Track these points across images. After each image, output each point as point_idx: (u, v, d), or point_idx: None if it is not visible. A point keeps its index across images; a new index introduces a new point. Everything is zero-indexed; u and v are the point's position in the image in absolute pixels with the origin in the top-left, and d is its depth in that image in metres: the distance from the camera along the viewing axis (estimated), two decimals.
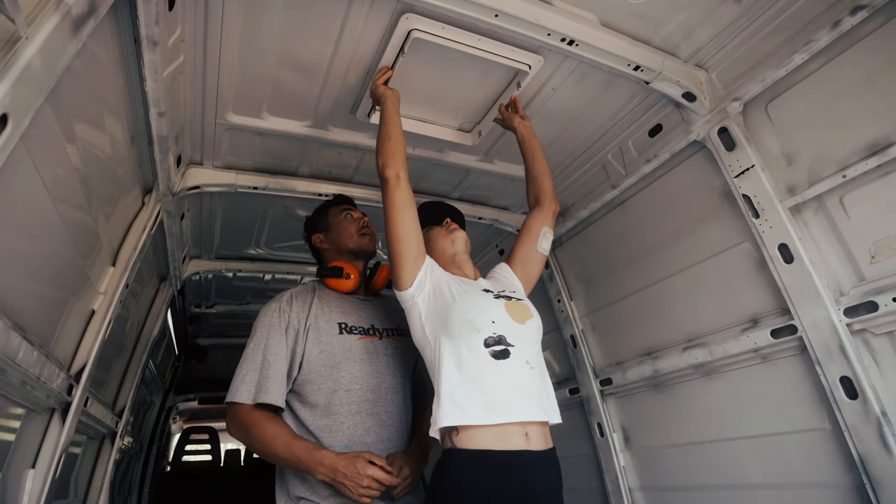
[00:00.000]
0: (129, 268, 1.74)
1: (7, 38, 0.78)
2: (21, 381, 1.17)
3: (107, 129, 1.35)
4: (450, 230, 1.62)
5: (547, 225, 1.67)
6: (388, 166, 1.41)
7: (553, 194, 1.71)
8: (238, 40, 1.48)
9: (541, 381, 1.34)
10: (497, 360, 1.28)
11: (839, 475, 1.48)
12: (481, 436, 1.22)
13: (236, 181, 2.10)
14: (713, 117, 1.76)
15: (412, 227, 1.39)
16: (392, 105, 1.54)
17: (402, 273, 1.39)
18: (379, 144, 1.47)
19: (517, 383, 1.29)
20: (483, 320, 1.33)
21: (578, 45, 1.54)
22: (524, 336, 1.36)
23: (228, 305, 3.59)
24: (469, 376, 1.27)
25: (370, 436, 1.45)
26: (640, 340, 2.16)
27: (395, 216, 1.38)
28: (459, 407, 1.24)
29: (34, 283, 1.22)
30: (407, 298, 1.40)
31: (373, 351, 1.56)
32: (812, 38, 1.47)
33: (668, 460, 2.03)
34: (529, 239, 1.65)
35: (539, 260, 1.65)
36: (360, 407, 1.46)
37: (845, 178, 1.45)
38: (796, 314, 1.55)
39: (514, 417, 1.24)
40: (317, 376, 1.47)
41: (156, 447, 4.14)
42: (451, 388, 1.26)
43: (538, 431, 1.28)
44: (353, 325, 1.58)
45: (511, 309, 1.40)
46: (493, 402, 1.24)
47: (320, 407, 1.45)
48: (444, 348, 1.31)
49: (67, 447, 1.54)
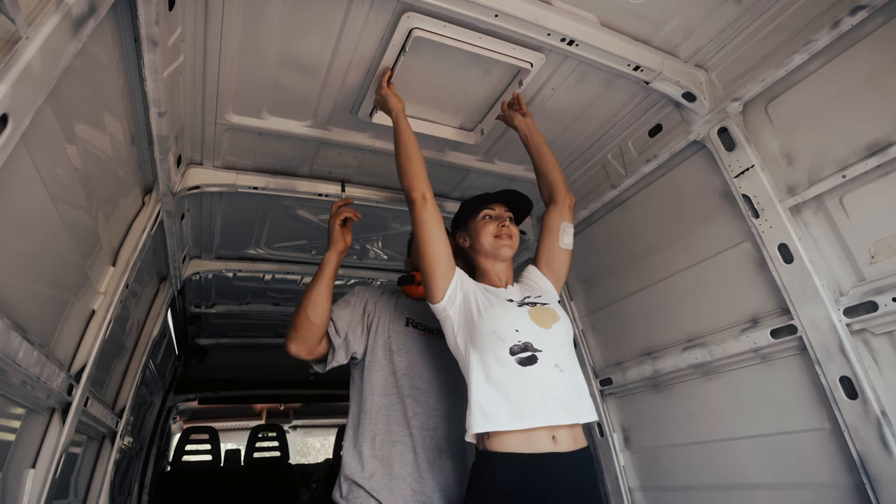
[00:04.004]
0: (130, 268, 1.74)
1: (7, 38, 0.78)
2: (21, 381, 1.17)
3: (107, 129, 1.35)
4: (501, 237, 1.60)
5: (565, 220, 1.68)
6: (413, 189, 1.48)
7: (565, 187, 1.71)
8: (238, 40, 1.48)
9: (571, 383, 1.39)
10: (524, 367, 1.35)
11: (839, 475, 1.48)
12: (509, 440, 1.30)
13: (236, 181, 2.10)
14: (713, 117, 1.76)
15: (441, 244, 1.47)
16: (406, 119, 1.58)
17: (434, 287, 1.47)
18: (400, 165, 1.53)
19: (545, 388, 1.34)
20: (507, 331, 1.39)
21: (578, 45, 1.54)
22: (551, 340, 1.41)
23: (228, 305, 3.59)
24: (496, 384, 1.34)
25: (416, 419, 1.60)
26: (639, 340, 2.16)
27: (424, 236, 1.46)
28: (487, 414, 1.32)
29: (34, 283, 1.22)
30: (440, 311, 1.48)
31: (431, 347, 1.71)
32: (812, 38, 1.47)
33: (667, 460, 2.03)
34: (550, 237, 1.67)
35: (564, 256, 1.67)
36: (413, 392, 1.62)
37: (845, 178, 1.45)
38: (796, 314, 1.55)
39: (540, 423, 1.30)
40: (381, 357, 1.65)
41: (156, 447, 4.14)
42: (480, 396, 1.34)
43: (566, 434, 1.34)
44: (419, 322, 1.75)
45: (536, 315, 1.45)
46: (519, 409, 1.30)
47: (379, 386, 1.62)
48: (472, 358, 1.40)
49: (67, 447, 1.54)
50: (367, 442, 1.57)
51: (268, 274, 3.07)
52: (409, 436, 1.58)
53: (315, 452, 12.45)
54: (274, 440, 5.11)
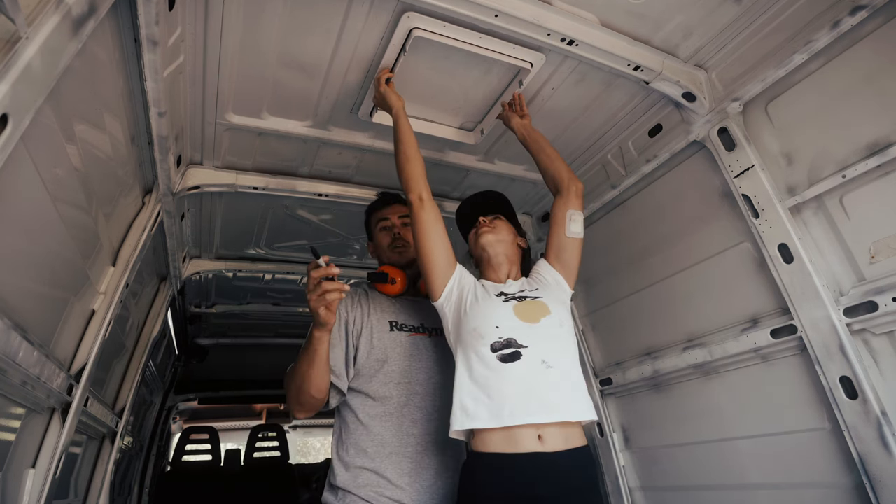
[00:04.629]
0: (130, 268, 1.74)
1: (7, 38, 0.78)
2: (21, 381, 1.17)
3: (107, 129, 1.35)
4: (479, 233, 1.64)
5: (572, 207, 1.60)
6: (410, 189, 1.49)
7: (569, 175, 1.65)
8: (238, 40, 1.48)
9: (561, 379, 1.32)
10: (505, 364, 1.31)
11: (839, 475, 1.48)
12: (491, 440, 1.27)
13: (236, 181, 2.10)
14: (713, 117, 1.76)
15: (439, 243, 1.47)
16: (406, 118, 1.58)
17: (432, 286, 1.48)
18: (399, 165, 1.54)
19: (528, 385, 1.28)
20: (486, 327, 1.37)
21: (578, 45, 1.54)
22: (539, 335, 1.36)
23: (228, 305, 3.59)
24: (478, 381, 1.32)
25: (417, 427, 1.53)
26: (639, 340, 2.16)
27: (421, 235, 1.47)
28: (467, 411, 1.30)
29: (34, 283, 1.22)
30: (438, 309, 1.49)
31: (421, 347, 1.64)
32: (812, 38, 1.47)
33: (667, 460, 2.03)
34: (557, 227, 1.61)
35: (573, 246, 1.59)
36: (409, 400, 1.55)
37: (845, 178, 1.45)
38: (796, 314, 1.55)
39: (520, 420, 1.25)
40: (369, 370, 1.56)
41: (156, 447, 4.14)
42: (462, 393, 1.33)
43: (555, 433, 1.27)
44: (403, 323, 1.67)
45: (521, 310, 1.41)
46: (499, 407, 1.26)
47: (372, 398, 1.54)
48: (459, 356, 1.40)
49: (67, 447, 1.54)
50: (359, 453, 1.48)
51: (268, 274, 3.07)
52: (410, 445, 1.50)
53: (315, 452, 12.47)
54: (274, 440, 5.11)
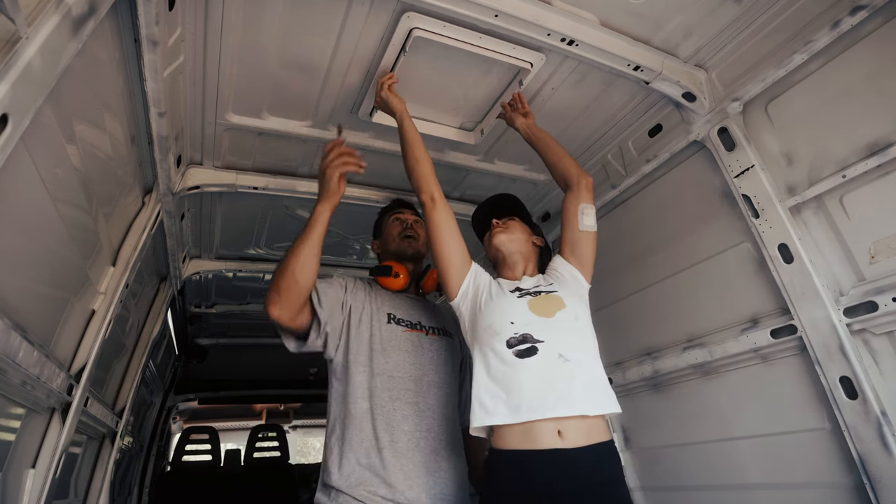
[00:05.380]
0: (129, 268, 1.74)
1: (7, 38, 0.78)
2: (21, 381, 1.17)
3: (107, 129, 1.35)
4: (492, 234, 1.64)
5: (583, 201, 1.59)
6: (422, 190, 1.50)
7: (578, 169, 1.64)
8: (238, 40, 1.48)
9: (579, 373, 1.31)
10: (522, 359, 1.31)
11: (839, 475, 1.48)
12: (510, 436, 1.27)
13: (236, 181, 2.10)
14: (713, 117, 1.76)
15: (453, 242, 1.48)
16: (410, 119, 1.59)
17: (448, 285, 1.49)
18: (408, 167, 1.55)
19: (545, 380, 1.28)
20: (501, 323, 1.38)
21: (578, 45, 1.54)
22: (555, 329, 1.37)
23: (228, 305, 3.59)
24: (495, 377, 1.33)
25: (407, 423, 1.49)
26: (639, 340, 2.15)
27: (435, 235, 1.48)
28: (484, 408, 1.30)
29: (34, 283, 1.22)
30: (454, 308, 1.50)
31: (418, 344, 1.63)
32: (812, 38, 1.47)
33: (667, 460, 2.03)
34: (569, 222, 1.60)
35: (586, 240, 1.58)
36: (401, 394, 1.52)
37: (845, 178, 1.45)
38: (796, 314, 1.55)
39: (540, 415, 1.24)
40: (364, 358, 1.54)
41: (156, 447, 4.14)
42: (479, 390, 1.33)
43: (576, 427, 1.25)
44: (401, 318, 1.65)
45: (535, 305, 1.42)
46: (516, 402, 1.27)
47: (362, 389, 1.51)
48: (476, 353, 1.40)
49: (67, 447, 1.54)
50: (351, 450, 1.45)
51: (268, 274, 3.06)
52: (401, 440, 1.46)
53: (315, 452, 12.45)
54: (274, 440, 5.12)
